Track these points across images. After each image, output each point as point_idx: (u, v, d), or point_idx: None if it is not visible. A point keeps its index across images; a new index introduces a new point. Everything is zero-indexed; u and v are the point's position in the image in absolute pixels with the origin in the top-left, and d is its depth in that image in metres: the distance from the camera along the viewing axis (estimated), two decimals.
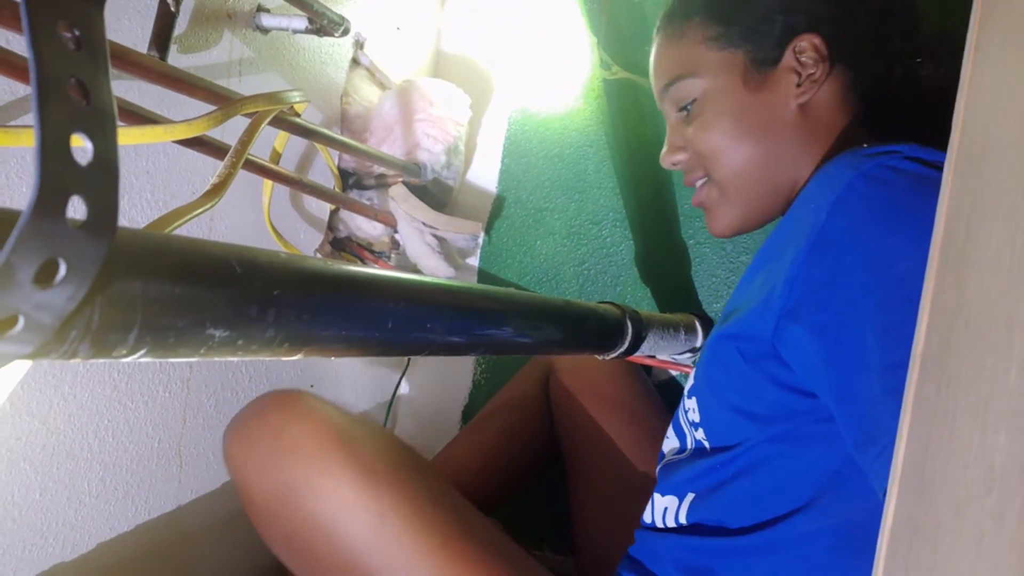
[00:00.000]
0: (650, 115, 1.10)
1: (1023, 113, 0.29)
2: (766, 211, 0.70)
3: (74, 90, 0.24)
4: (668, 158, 0.74)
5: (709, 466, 0.64)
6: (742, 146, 0.67)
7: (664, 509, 0.68)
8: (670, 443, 0.75)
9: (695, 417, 0.68)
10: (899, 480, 0.34)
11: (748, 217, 0.70)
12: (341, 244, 1.10)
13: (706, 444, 0.66)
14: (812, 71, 0.65)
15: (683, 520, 0.65)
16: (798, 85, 0.65)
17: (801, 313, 0.52)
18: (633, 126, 1.11)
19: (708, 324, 1.00)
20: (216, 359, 0.32)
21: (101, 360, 0.27)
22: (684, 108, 0.70)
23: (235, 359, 0.33)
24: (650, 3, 1.11)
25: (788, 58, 0.65)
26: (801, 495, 0.56)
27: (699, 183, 0.73)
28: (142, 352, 0.28)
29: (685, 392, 0.73)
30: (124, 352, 0.27)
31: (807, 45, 0.65)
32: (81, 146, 0.24)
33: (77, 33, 0.25)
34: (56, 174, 0.22)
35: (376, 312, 0.39)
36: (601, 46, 1.13)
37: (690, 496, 0.65)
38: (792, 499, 0.57)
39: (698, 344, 0.97)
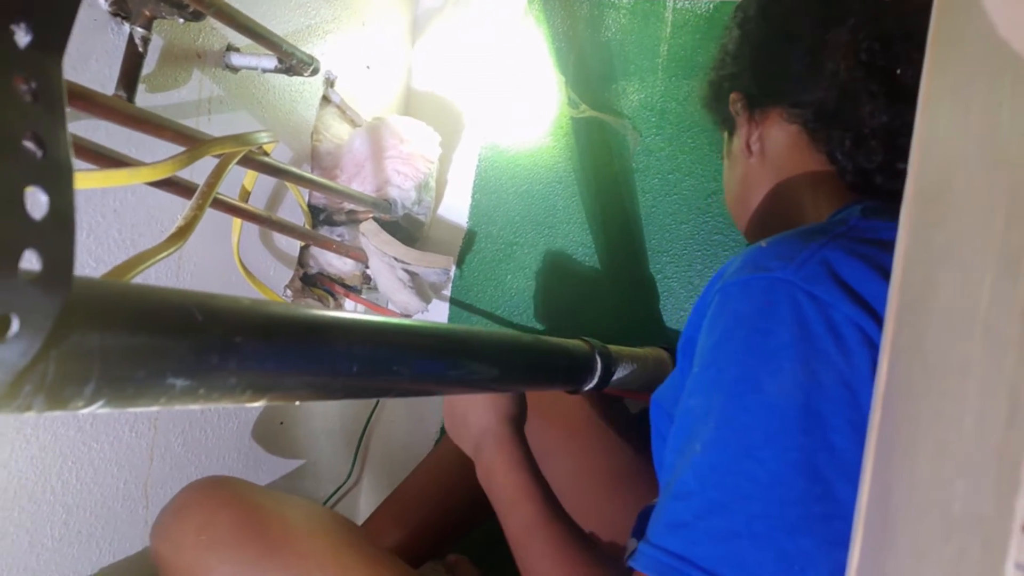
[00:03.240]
0: (617, 152, 1.12)
1: (974, 165, 0.28)
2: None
3: (30, 143, 0.24)
4: None
5: None
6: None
7: None
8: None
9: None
10: (863, 521, 0.33)
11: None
12: (312, 280, 1.09)
13: None
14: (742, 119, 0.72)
15: None
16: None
17: None
18: (601, 163, 1.13)
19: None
20: (178, 408, 0.32)
21: (57, 412, 0.26)
22: None
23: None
24: (616, 44, 1.13)
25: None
26: None
27: None
28: (100, 404, 0.27)
29: None
30: (81, 404, 0.27)
31: (736, 97, 0.72)
32: (36, 199, 0.24)
33: (34, 86, 0.25)
34: (9, 228, 0.22)
35: (341, 356, 0.39)
36: (569, 85, 1.15)
37: None
38: None
39: None
